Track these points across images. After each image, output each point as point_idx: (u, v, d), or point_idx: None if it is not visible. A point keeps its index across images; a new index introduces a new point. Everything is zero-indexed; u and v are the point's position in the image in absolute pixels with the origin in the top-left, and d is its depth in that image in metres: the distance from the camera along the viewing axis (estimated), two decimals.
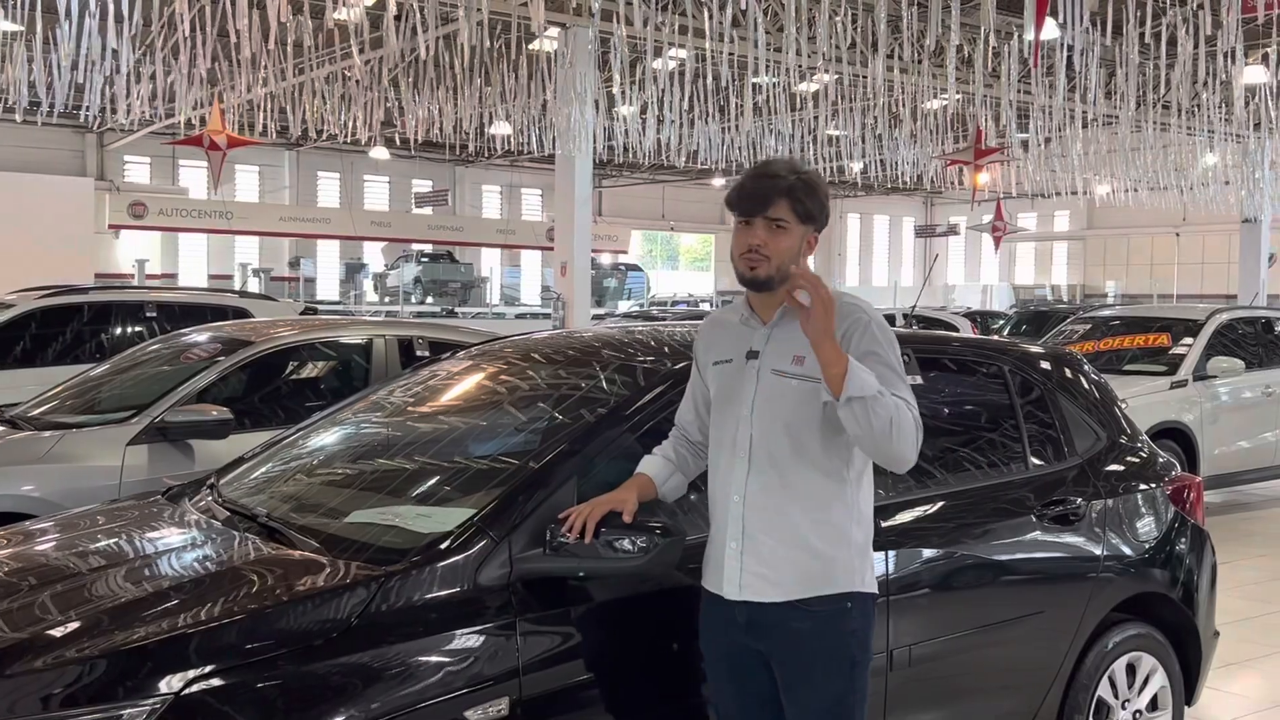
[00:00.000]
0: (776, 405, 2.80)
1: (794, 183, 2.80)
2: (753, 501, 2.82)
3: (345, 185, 36.94)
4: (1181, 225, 38.01)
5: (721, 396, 2.92)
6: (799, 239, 2.82)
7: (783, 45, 13.05)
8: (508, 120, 21.39)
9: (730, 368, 2.91)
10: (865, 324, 2.80)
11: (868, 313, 2.84)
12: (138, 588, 2.78)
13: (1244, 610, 6.87)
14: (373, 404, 4.09)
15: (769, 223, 2.79)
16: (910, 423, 2.70)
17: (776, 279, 2.80)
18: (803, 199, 2.80)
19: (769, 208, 2.79)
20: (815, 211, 2.83)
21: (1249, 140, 21.49)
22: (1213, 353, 9.96)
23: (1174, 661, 4.16)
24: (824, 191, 2.86)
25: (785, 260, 2.80)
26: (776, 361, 2.83)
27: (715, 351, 2.97)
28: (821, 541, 2.79)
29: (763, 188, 2.81)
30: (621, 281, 38.55)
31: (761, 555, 2.80)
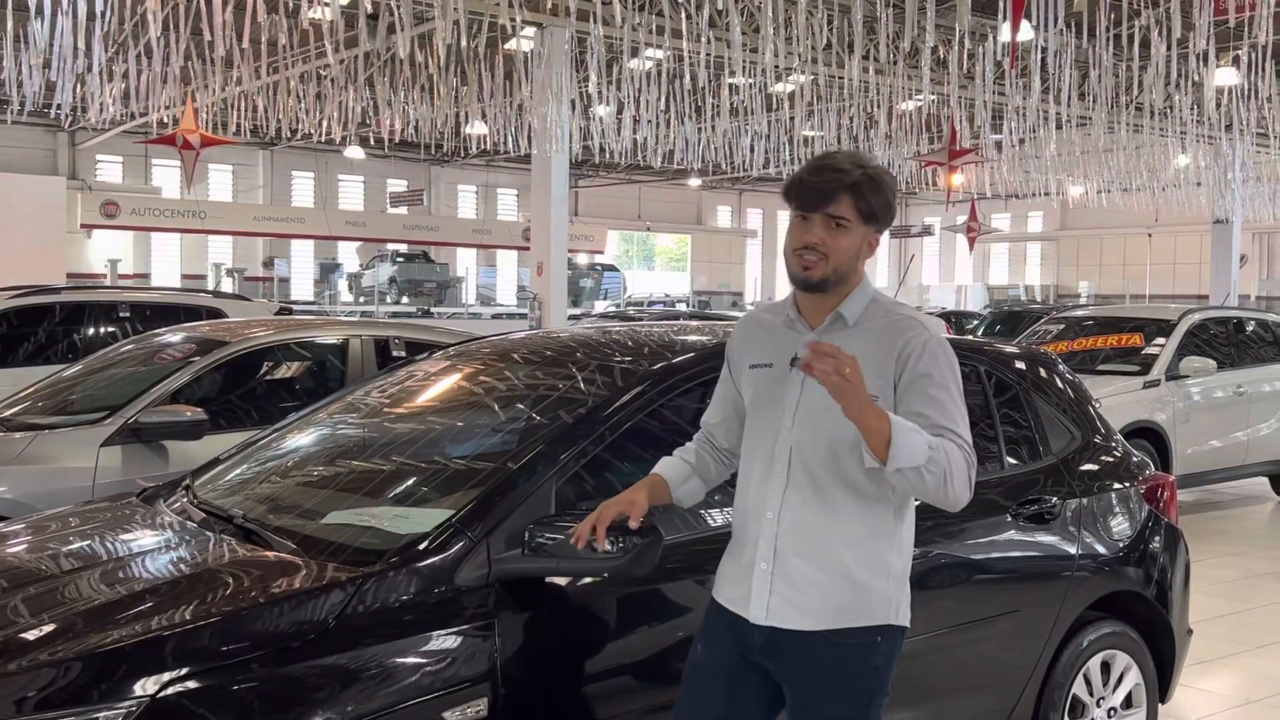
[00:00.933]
0: (820, 419, 2.58)
1: (859, 178, 2.57)
2: (788, 520, 2.62)
3: (320, 185, 36.76)
4: (1154, 226, 38.33)
5: (759, 403, 2.72)
6: (860, 240, 2.61)
7: (759, 46, 13.07)
8: (484, 120, 21.35)
9: (770, 373, 2.70)
10: (924, 344, 2.58)
11: (928, 329, 2.62)
12: (112, 590, 2.76)
13: (1217, 608, 6.93)
14: (349, 404, 4.08)
15: (829, 220, 2.57)
16: (963, 468, 2.49)
17: (832, 281, 2.60)
18: (868, 196, 2.58)
19: (831, 203, 2.57)
20: (880, 210, 2.61)
21: (1220, 142, 21.68)
22: (1185, 353, 10.03)
23: (1148, 659, 4.19)
24: (890, 189, 2.64)
25: (844, 261, 2.59)
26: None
27: (753, 353, 2.76)
28: (860, 569, 2.59)
29: (826, 181, 2.58)
30: (598, 282, 38.55)
31: (794, 579, 2.60)
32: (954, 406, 2.56)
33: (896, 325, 2.61)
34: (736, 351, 2.84)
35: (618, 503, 2.68)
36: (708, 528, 3.25)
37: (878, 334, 2.61)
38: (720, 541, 3.25)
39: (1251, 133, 19.75)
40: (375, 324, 6.83)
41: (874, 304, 2.67)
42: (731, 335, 2.90)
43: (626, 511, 2.65)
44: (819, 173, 2.60)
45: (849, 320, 2.64)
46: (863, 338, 2.60)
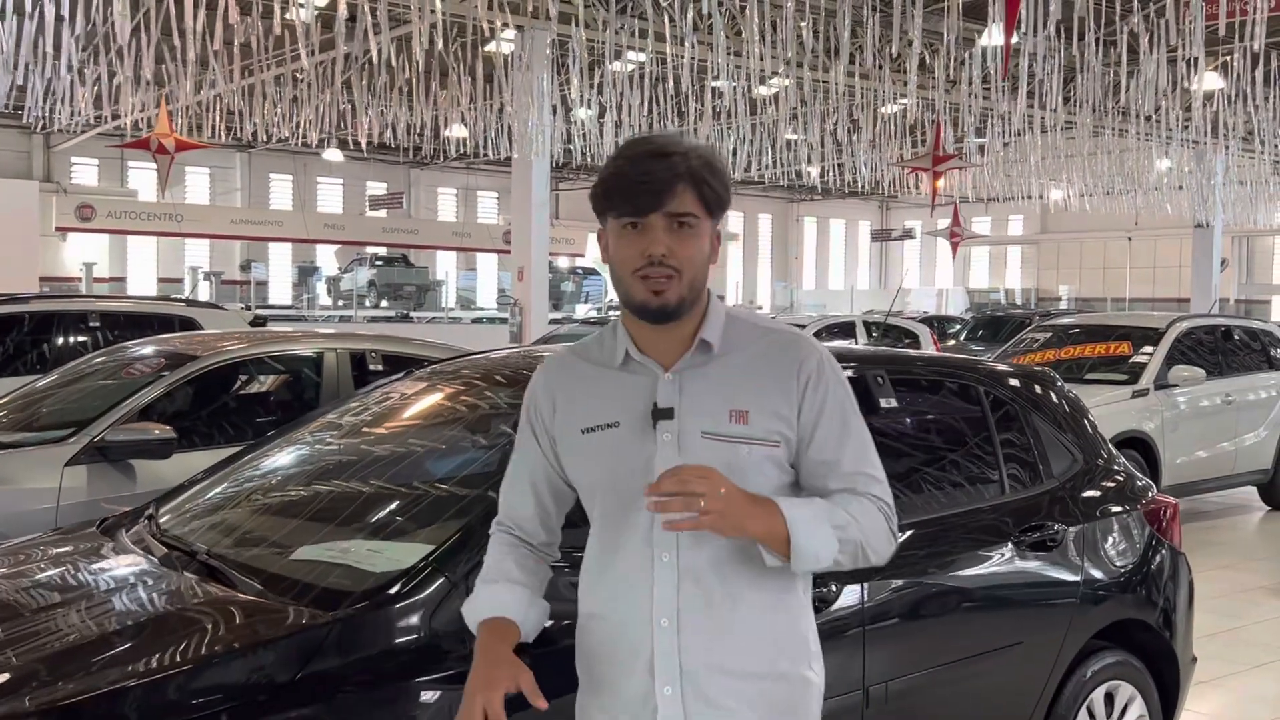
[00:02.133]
0: None
1: (695, 161, 2.00)
2: (693, 624, 2.04)
3: (298, 187, 36.51)
4: (1134, 230, 38.43)
5: (612, 479, 2.08)
6: (708, 238, 2.06)
7: (742, 49, 12.94)
8: (463, 123, 21.17)
9: (619, 435, 2.07)
10: (818, 366, 2.10)
11: (815, 345, 2.15)
12: (59, 640, 2.56)
13: (1210, 625, 6.79)
14: (323, 427, 3.89)
15: (670, 221, 1.99)
16: (880, 527, 2.09)
17: (689, 301, 2.02)
18: (710, 181, 2.02)
19: (669, 198, 1.98)
20: (726, 197, 2.06)
21: (1205, 146, 21.67)
22: (1173, 361, 9.94)
23: (1152, 689, 4.06)
24: (723, 170, 2.08)
25: (699, 274, 2.03)
26: (706, 420, 2.04)
27: (583, 412, 2.12)
28: (787, 660, 2.10)
29: (658, 172, 1.97)
30: (579, 285, 38.40)
31: (713, 698, 2.05)
32: (864, 438, 2.13)
33: (781, 345, 2.09)
34: (548, 410, 2.18)
35: (496, 683, 2.03)
36: None
37: (760, 360, 2.08)
38: None
39: (1237, 137, 19.75)
40: (352, 336, 6.63)
41: (733, 322, 2.12)
42: (533, 390, 2.22)
43: (511, 689, 2.03)
44: (645, 162, 1.99)
45: (716, 347, 2.07)
46: (740, 368, 2.07)
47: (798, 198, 47.18)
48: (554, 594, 2.60)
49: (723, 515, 1.89)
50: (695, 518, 1.88)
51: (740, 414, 2.03)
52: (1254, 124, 16.94)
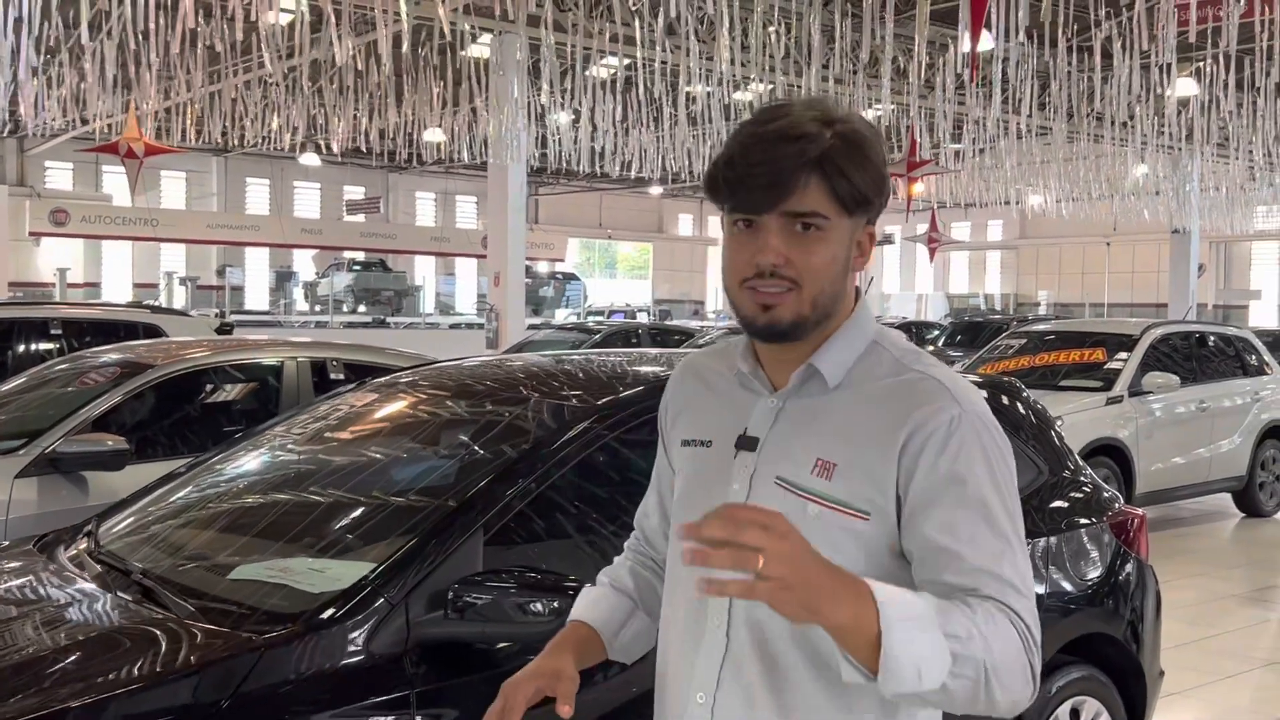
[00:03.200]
0: None
1: (830, 143, 1.55)
2: (728, 712, 1.64)
3: (275, 192, 36.33)
4: (1112, 235, 38.59)
5: (689, 500, 1.72)
6: (845, 243, 1.62)
7: (715, 55, 12.89)
8: (440, 128, 21.08)
9: (708, 455, 1.72)
10: (950, 424, 1.56)
11: (958, 400, 1.59)
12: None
13: (1181, 634, 6.76)
14: (270, 440, 3.80)
15: (791, 221, 1.57)
16: (1014, 651, 1.48)
17: (812, 321, 1.60)
18: (847, 170, 1.57)
19: (790, 194, 1.56)
20: (870, 189, 1.60)
21: (1180, 152, 21.75)
22: (1148, 368, 9.92)
23: (1118, 704, 3.99)
24: (878, 148, 1.62)
25: (826, 287, 1.60)
26: (785, 463, 1.63)
27: (688, 424, 1.79)
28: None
29: (779, 159, 1.55)
30: (559, 291, 38.37)
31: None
32: (1004, 530, 1.55)
33: (906, 391, 1.60)
34: (668, 418, 1.87)
35: (532, 677, 1.74)
36: None
37: (875, 406, 1.60)
38: None
39: (1212, 143, 19.81)
40: (315, 345, 6.53)
41: (874, 351, 1.66)
42: (664, 393, 1.91)
43: (547, 690, 1.72)
44: (763, 146, 1.56)
45: (829, 379, 1.64)
46: (852, 410, 1.62)
47: None
48: (501, 615, 2.54)
49: (787, 585, 1.35)
50: (748, 580, 1.35)
51: (827, 466, 1.59)
52: (1228, 130, 17.00)
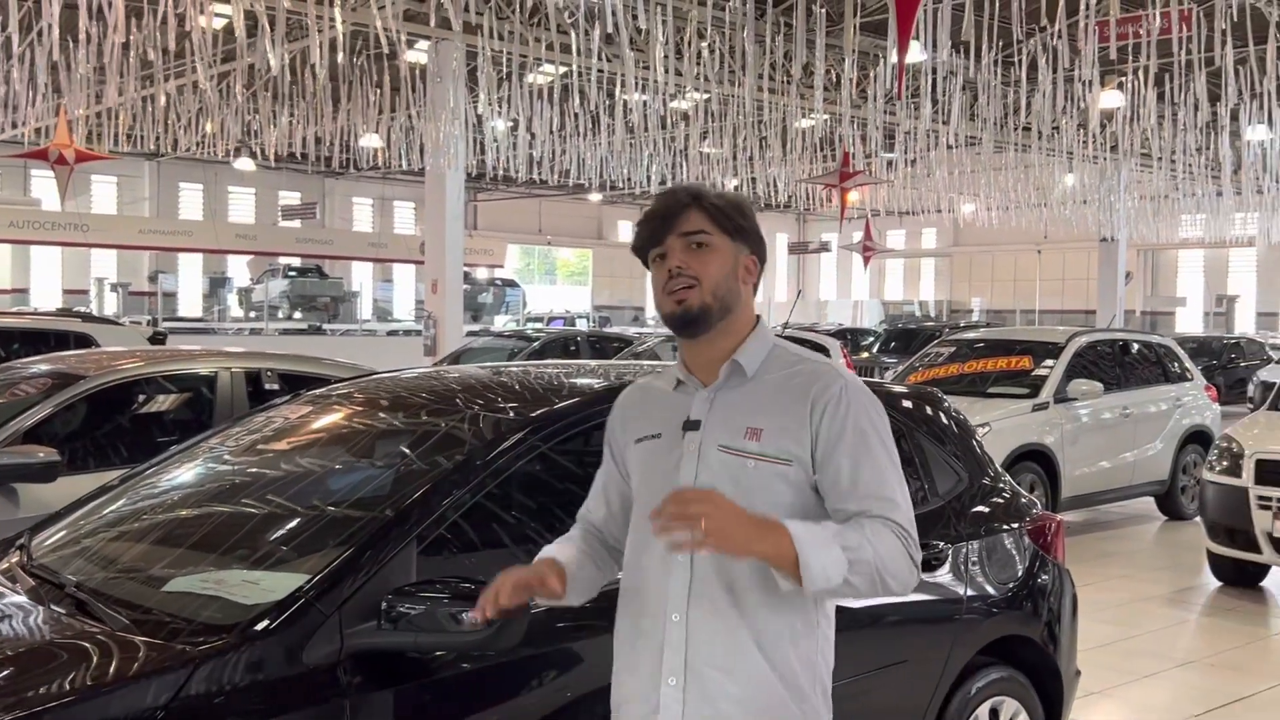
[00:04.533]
0: (728, 493, 2.09)
1: (701, 192, 2.27)
2: (699, 624, 2.18)
3: (209, 197, 35.90)
4: (1043, 243, 39.29)
5: (648, 482, 2.28)
6: (730, 258, 2.24)
7: (651, 65, 13.00)
8: (377, 133, 20.99)
9: (659, 445, 2.29)
10: (840, 392, 2.20)
11: (842, 375, 2.24)
12: None
13: (1104, 635, 6.96)
14: (205, 452, 3.82)
15: (685, 240, 2.22)
16: (897, 551, 2.11)
17: (715, 311, 2.21)
18: (718, 205, 2.25)
19: (679, 222, 2.23)
20: (743, 224, 2.26)
21: (1105, 162, 22.24)
22: (1073, 375, 10.16)
23: (1036, 704, 4.12)
24: (750, 210, 2.30)
25: (718, 283, 2.21)
26: (724, 434, 2.21)
27: (639, 425, 2.36)
28: (787, 678, 2.18)
29: (667, 205, 2.26)
30: (498, 297, 38.25)
31: (711, 696, 2.16)
32: (883, 464, 2.18)
33: (805, 375, 2.23)
34: (619, 426, 2.42)
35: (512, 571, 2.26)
36: None
37: (783, 387, 2.23)
38: (593, 601, 3.11)
39: (1135, 154, 20.28)
40: (250, 355, 6.51)
41: (776, 351, 2.29)
42: (612, 412, 2.47)
43: (534, 580, 2.22)
44: (658, 201, 2.31)
45: (748, 370, 2.25)
46: (767, 391, 2.23)
47: None
48: (435, 625, 2.59)
49: (723, 534, 1.97)
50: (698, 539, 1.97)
51: (755, 431, 2.18)
52: (1151, 141, 17.43)
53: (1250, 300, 42.19)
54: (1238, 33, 13.13)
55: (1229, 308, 39.13)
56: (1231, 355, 23.51)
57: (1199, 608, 8.03)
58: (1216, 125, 17.90)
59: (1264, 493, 7.73)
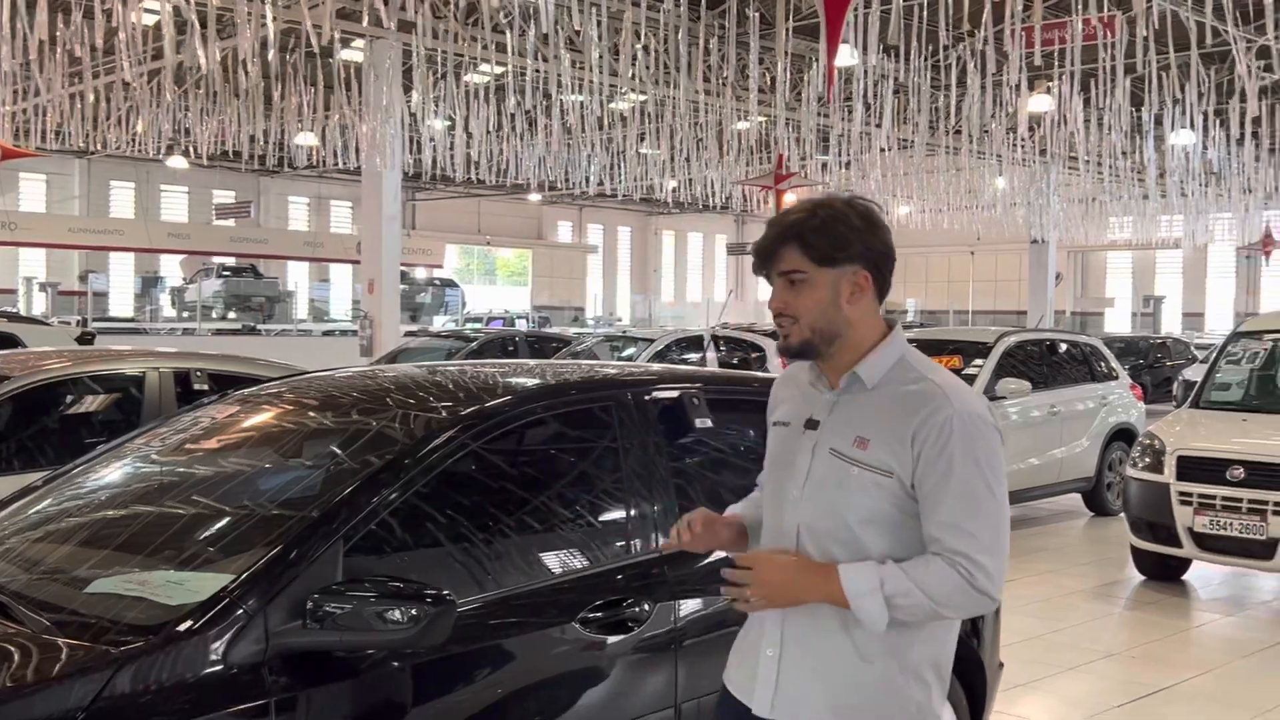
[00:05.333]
0: (831, 494, 2.32)
1: (799, 220, 2.34)
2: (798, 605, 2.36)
3: (140, 195, 35.31)
4: (976, 245, 39.82)
5: (774, 466, 2.50)
6: (830, 287, 2.32)
7: (587, 66, 13.03)
8: (312, 132, 20.80)
9: (788, 432, 2.47)
10: (945, 423, 2.27)
11: (953, 402, 2.29)
12: None
13: (1030, 629, 7.10)
14: (132, 452, 3.79)
15: (784, 279, 2.35)
16: (949, 588, 2.22)
17: (817, 342, 2.35)
18: (813, 240, 2.31)
19: (776, 260, 2.35)
20: (839, 250, 2.31)
21: (1035, 166, 22.62)
22: (1002, 374, 10.33)
23: (960, 696, 4.19)
24: (848, 222, 2.33)
25: (818, 318, 2.34)
26: (837, 439, 2.35)
27: (779, 409, 2.54)
28: (877, 675, 2.31)
29: (767, 239, 2.37)
30: (436, 297, 37.99)
31: (801, 674, 2.35)
32: (976, 502, 2.24)
33: (917, 395, 2.30)
34: (771, 407, 2.62)
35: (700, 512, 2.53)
36: (511, 586, 3.13)
37: (898, 402, 2.32)
38: (524, 599, 3.14)
39: (1064, 157, 20.66)
40: (179, 355, 6.45)
41: (902, 364, 2.38)
42: (772, 390, 2.65)
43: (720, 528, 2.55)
44: (766, 229, 2.41)
45: (867, 382, 2.37)
46: (882, 403, 2.34)
47: (656, 211, 47.57)
48: (361, 624, 2.61)
49: (769, 600, 2.29)
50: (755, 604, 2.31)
51: (863, 441, 2.31)
52: (1078, 145, 17.77)
53: (1176, 301, 43.11)
54: (1160, 40, 13.45)
55: (1156, 308, 39.95)
56: (1158, 355, 24.01)
57: (1122, 601, 8.22)
58: (1141, 130, 18.32)
59: (1185, 489, 7.93)
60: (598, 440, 3.59)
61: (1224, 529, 7.72)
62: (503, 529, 3.31)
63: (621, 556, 3.39)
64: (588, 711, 3.19)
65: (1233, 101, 15.53)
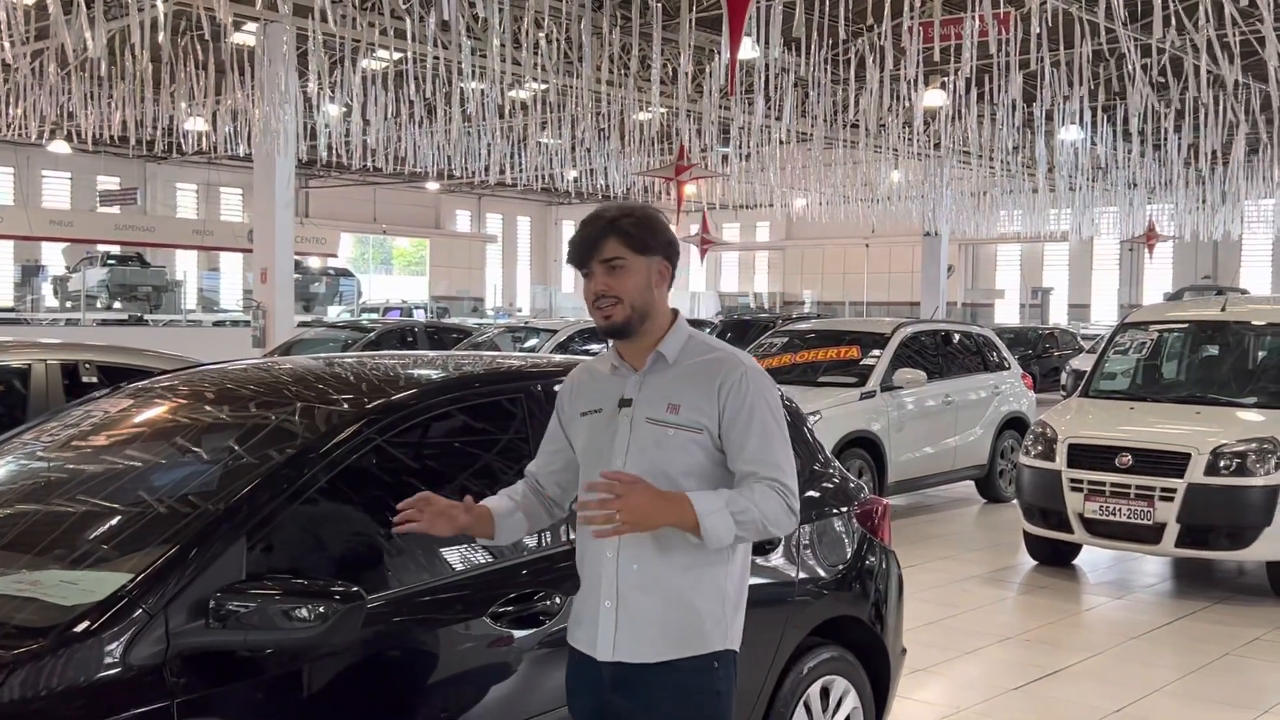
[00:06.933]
0: (651, 454, 2.69)
1: (616, 216, 2.72)
2: (627, 556, 2.71)
3: (20, 181, 34.09)
4: (871, 237, 40.48)
5: (591, 449, 2.80)
6: (645, 273, 2.72)
7: (488, 54, 12.90)
8: (202, 117, 20.27)
9: (600, 418, 2.80)
10: (740, 378, 2.70)
11: (743, 362, 2.75)
12: None
13: (929, 614, 7.23)
14: (18, 448, 3.64)
15: (605, 265, 2.69)
16: (777, 508, 2.65)
17: (635, 320, 2.72)
18: (631, 231, 2.71)
19: (598, 250, 2.70)
20: (651, 240, 2.73)
21: (929, 159, 23.04)
22: (898, 364, 10.50)
23: (865, 681, 4.26)
24: (659, 223, 2.78)
25: (638, 298, 2.71)
26: (650, 409, 2.72)
27: (584, 402, 2.86)
28: (697, 598, 2.70)
29: (587, 234, 2.73)
30: (331, 287, 37.35)
31: (635, 614, 2.70)
32: (772, 439, 2.68)
33: (715, 362, 2.72)
34: (568, 401, 2.93)
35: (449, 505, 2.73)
36: (419, 581, 3.08)
37: (697, 371, 2.73)
38: (433, 594, 3.10)
39: (957, 151, 21.07)
40: (66, 346, 6.21)
41: (692, 341, 2.79)
42: (562, 387, 2.97)
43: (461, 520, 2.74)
44: (582, 228, 2.75)
45: (669, 358, 2.76)
46: (684, 374, 2.74)
47: (556, 201, 47.41)
48: (265, 622, 2.54)
49: (634, 524, 2.54)
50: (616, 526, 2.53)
51: (674, 406, 2.70)
52: (971, 140, 18.15)
53: (1063, 292, 44.34)
54: (1052, 37, 13.78)
55: (1044, 300, 41.04)
56: (1046, 345, 24.66)
57: (1016, 586, 8.42)
58: (1033, 125, 18.77)
59: (1075, 475, 8.15)
60: (505, 433, 3.55)
61: (1113, 514, 7.96)
62: None
63: (531, 550, 3.36)
64: (498, 705, 3.16)
65: (1120, 99, 16.02)
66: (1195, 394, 8.79)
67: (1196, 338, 9.49)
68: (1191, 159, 20.39)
